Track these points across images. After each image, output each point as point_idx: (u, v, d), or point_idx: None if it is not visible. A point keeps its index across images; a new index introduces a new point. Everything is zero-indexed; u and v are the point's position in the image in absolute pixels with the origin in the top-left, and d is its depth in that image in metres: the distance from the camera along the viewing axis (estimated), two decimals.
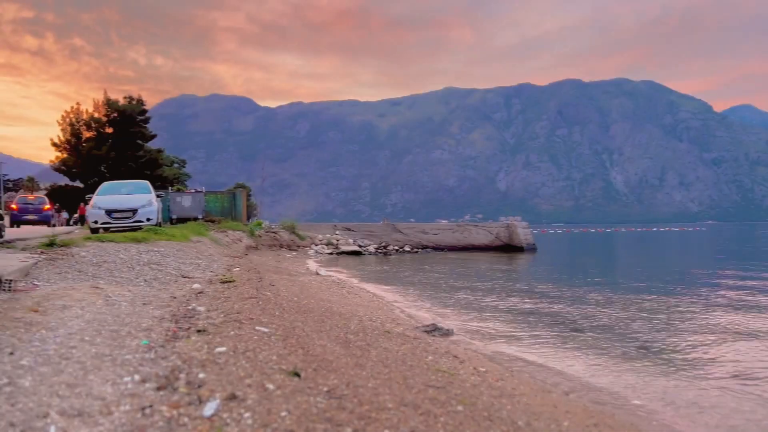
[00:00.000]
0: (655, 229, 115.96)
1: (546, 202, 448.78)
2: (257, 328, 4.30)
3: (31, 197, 24.94)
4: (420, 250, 35.31)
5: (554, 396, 4.95)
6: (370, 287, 13.89)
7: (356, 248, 31.84)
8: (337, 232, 35.96)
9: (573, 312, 10.57)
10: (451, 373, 4.43)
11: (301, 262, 20.86)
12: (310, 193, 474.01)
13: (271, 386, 2.69)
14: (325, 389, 2.86)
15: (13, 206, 23.69)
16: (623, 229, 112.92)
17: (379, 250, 33.40)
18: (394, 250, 34.21)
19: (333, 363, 3.55)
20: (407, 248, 35.09)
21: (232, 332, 4.06)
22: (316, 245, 30.87)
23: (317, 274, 15.22)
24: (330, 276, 15.19)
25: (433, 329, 7.02)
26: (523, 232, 36.58)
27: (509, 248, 35.89)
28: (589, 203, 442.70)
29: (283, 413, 2.32)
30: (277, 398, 2.52)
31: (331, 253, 29.44)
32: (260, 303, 5.85)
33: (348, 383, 3.06)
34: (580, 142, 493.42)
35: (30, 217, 23.27)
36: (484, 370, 5.16)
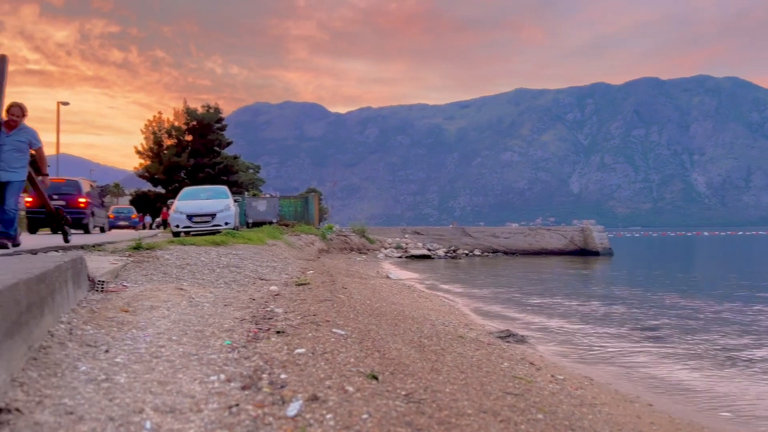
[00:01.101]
0: (741, 233, 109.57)
1: (622, 204, 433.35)
2: (334, 330, 4.36)
3: (123, 207, 32.68)
4: (490, 254, 34.88)
5: (637, 406, 4.76)
6: (441, 291, 13.84)
7: (425, 252, 31.81)
8: (406, 236, 36.04)
9: (654, 318, 10.15)
10: (528, 381, 4.35)
11: (372, 266, 21.04)
12: (378, 196, 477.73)
13: (350, 388, 2.72)
14: (404, 393, 2.86)
15: (110, 215, 28.23)
16: (706, 233, 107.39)
17: (449, 254, 33.23)
18: (463, 254, 33.96)
19: (409, 367, 3.56)
20: (477, 252, 34.74)
21: (309, 334, 4.13)
22: (386, 249, 31.06)
23: (388, 277, 15.30)
24: (400, 279, 15.24)
25: (507, 335, 6.91)
26: (599, 236, 35.47)
27: (584, 253, 34.89)
28: (668, 206, 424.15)
29: (365, 416, 2.34)
30: (358, 401, 2.55)
31: (400, 257, 29.55)
32: (335, 306, 5.94)
33: (426, 388, 3.05)
34: (658, 143, 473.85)
35: (122, 222, 30.14)
36: (562, 377, 5.03)
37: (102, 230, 20.60)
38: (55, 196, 20.24)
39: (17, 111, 6.99)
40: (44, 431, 2.00)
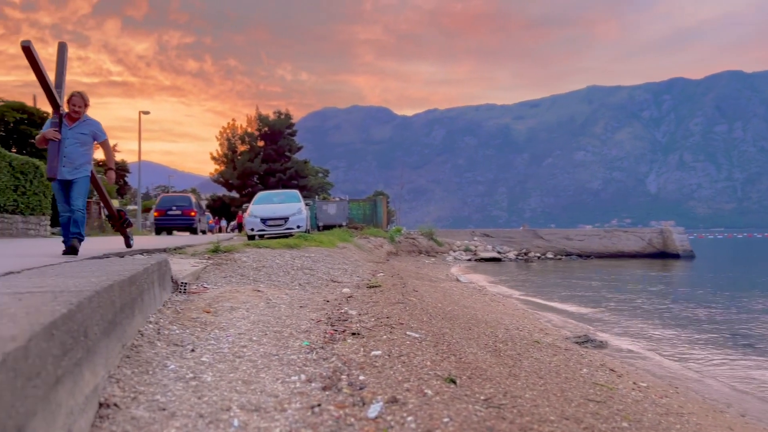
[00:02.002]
0: None
1: (703, 204, 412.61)
2: (408, 333, 4.37)
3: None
4: (563, 257, 34.00)
5: (728, 417, 4.51)
6: (513, 295, 13.61)
7: (495, 255, 31.36)
8: (475, 239, 35.66)
9: (743, 324, 9.59)
10: (609, 388, 4.20)
11: (441, 268, 20.94)
12: (445, 199, 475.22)
13: (429, 392, 2.71)
14: (483, 398, 2.82)
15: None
16: None
17: (520, 257, 32.64)
18: (535, 256, 33.26)
19: (487, 371, 3.51)
20: (549, 255, 33.94)
21: (384, 336, 4.15)
22: (454, 251, 30.84)
23: (458, 280, 15.18)
24: (470, 283, 15.08)
25: (585, 340, 6.70)
26: (679, 238, 33.93)
27: (663, 255, 33.46)
28: (754, 205, 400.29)
29: (445, 419, 2.32)
30: (437, 404, 2.53)
31: (469, 260, 29.26)
32: (407, 308, 5.94)
33: (505, 393, 3.00)
34: (742, 139, 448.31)
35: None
36: (645, 385, 4.83)
37: (203, 232, 25.06)
38: (174, 208, 24.92)
39: (78, 101, 6.25)
40: (140, 426, 2.09)
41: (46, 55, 7.07)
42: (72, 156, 6.21)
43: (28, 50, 5.75)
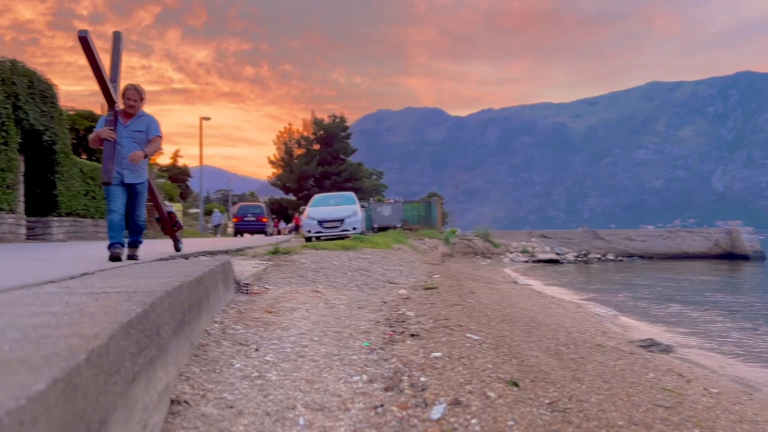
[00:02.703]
0: None
1: None
2: (467, 335, 4.33)
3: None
4: (625, 258, 33.01)
5: None
6: (573, 297, 13.30)
7: (554, 256, 30.75)
8: (533, 240, 35.07)
9: None
10: (678, 393, 4.05)
11: (497, 270, 20.68)
12: (501, 199, 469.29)
13: (492, 394, 2.68)
14: (547, 401, 2.77)
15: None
16: None
17: (579, 259, 31.89)
18: (595, 258, 32.42)
19: (550, 375, 3.44)
20: (610, 256, 33.02)
21: (443, 338, 4.13)
22: (511, 253, 30.41)
23: (515, 282, 14.96)
24: (528, 285, 14.84)
25: (650, 344, 6.48)
26: (748, 239, 32.43)
27: (731, 257, 32.03)
28: None
29: (510, 422, 2.29)
30: (501, 407, 2.50)
31: (526, 261, 28.79)
32: (465, 310, 5.90)
33: (570, 397, 2.94)
34: None
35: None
36: (716, 391, 4.64)
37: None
38: (249, 215, 29.37)
39: (134, 94, 5.62)
40: (210, 423, 2.15)
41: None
42: (128, 155, 5.57)
43: (84, 41, 5.27)
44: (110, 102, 5.54)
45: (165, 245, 9.08)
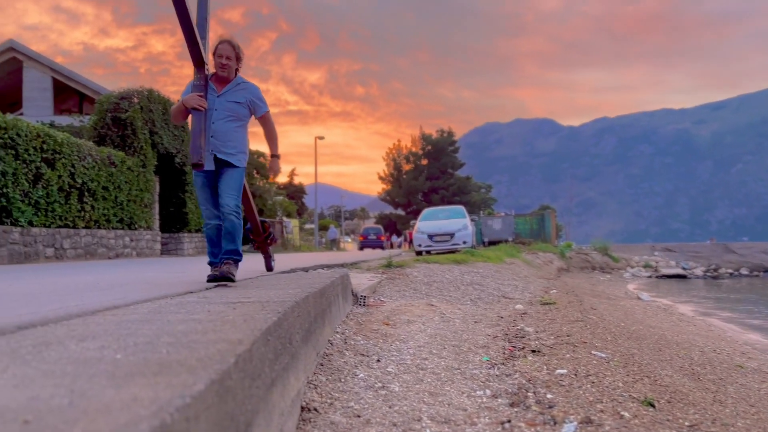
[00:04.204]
0: None
1: None
2: (593, 352, 4.14)
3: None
4: (761, 273, 30.20)
5: None
6: (704, 314, 12.34)
7: (680, 271, 28.74)
8: (656, 253, 33.01)
9: None
10: None
11: (618, 286, 19.63)
12: (619, 211, 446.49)
13: (626, 414, 2.54)
14: (687, 423, 2.58)
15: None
16: None
17: (708, 274, 29.57)
18: (726, 273, 29.94)
19: (688, 396, 3.21)
20: (744, 271, 30.35)
21: (567, 355, 3.98)
22: (632, 268, 28.78)
23: (639, 298, 14.13)
24: (653, 301, 13.96)
25: None
26: None
27: None
28: None
29: None
30: (637, 427, 2.36)
31: (649, 276, 27.11)
32: (588, 327, 5.64)
33: (713, 420, 2.72)
34: None
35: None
36: None
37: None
38: (371, 234, 36.23)
39: (227, 49, 4.14)
40: (339, 430, 2.20)
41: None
42: (222, 135, 4.12)
43: None
44: (199, 62, 4.15)
45: (254, 262, 7.30)
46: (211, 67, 4.25)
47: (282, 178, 49.76)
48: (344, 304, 5.00)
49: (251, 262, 7.12)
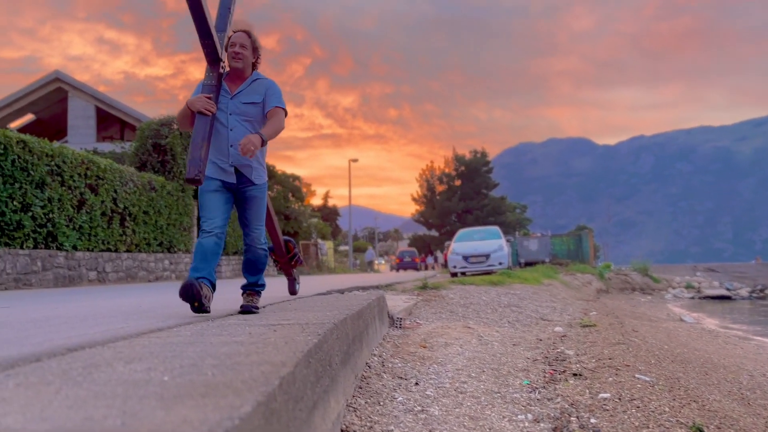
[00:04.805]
0: None
1: None
2: (636, 375, 4.03)
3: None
4: None
5: None
6: (751, 337, 11.91)
7: (724, 292, 27.85)
8: (698, 274, 32.10)
9: None
10: None
11: (660, 307, 19.12)
12: (658, 231, 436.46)
13: None
14: None
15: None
16: None
17: (754, 295, 28.58)
18: None
19: (738, 421, 3.10)
20: None
21: (609, 378, 3.88)
22: (674, 288, 28.02)
23: (681, 320, 13.73)
24: (697, 323, 13.54)
25: None
26: None
27: None
28: None
29: None
30: None
31: (692, 298, 26.34)
32: (630, 349, 5.50)
33: None
34: None
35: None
36: None
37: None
38: (407, 257, 38.46)
39: (242, 38, 3.59)
40: None
41: None
42: (237, 142, 3.46)
43: None
44: (213, 57, 3.53)
45: (277, 286, 6.84)
46: (225, 63, 3.63)
47: (316, 201, 50.21)
48: (381, 326, 4.99)
49: (275, 286, 6.60)
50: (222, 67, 3.58)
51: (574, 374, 4.02)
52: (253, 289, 3.79)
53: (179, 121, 3.58)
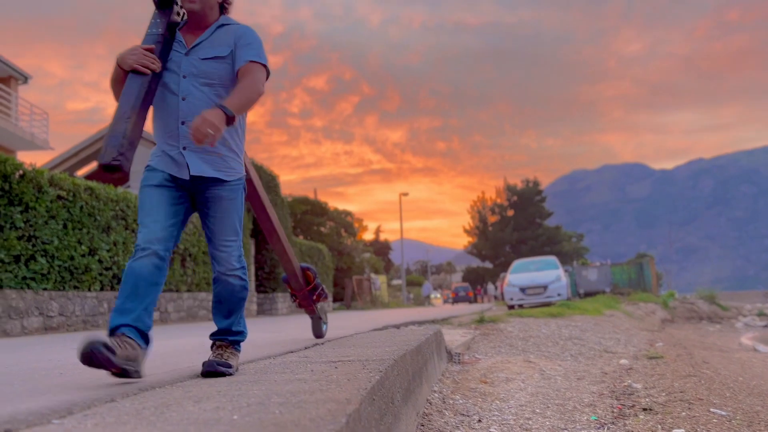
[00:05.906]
0: None
1: None
2: (711, 410, 3.83)
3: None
4: None
5: None
6: None
7: None
8: None
9: None
10: None
11: (731, 337, 18.19)
12: (723, 257, 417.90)
13: None
14: None
15: (452, 293, 42.90)
16: None
17: None
18: None
19: None
20: None
21: (682, 413, 3.71)
22: (744, 317, 26.63)
23: (755, 350, 13.01)
24: None
25: None
26: None
27: None
28: None
29: None
30: None
31: (765, 326, 24.97)
32: (702, 382, 5.25)
33: None
34: None
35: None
36: None
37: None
38: (461, 291, 42.18)
39: None
40: None
41: None
42: (191, 117, 2.30)
43: None
44: None
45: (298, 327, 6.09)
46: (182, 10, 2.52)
47: (368, 235, 50.45)
48: (439, 361, 4.93)
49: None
50: (177, 12, 2.49)
51: (644, 409, 3.86)
52: (224, 338, 2.51)
53: (112, 90, 2.41)
